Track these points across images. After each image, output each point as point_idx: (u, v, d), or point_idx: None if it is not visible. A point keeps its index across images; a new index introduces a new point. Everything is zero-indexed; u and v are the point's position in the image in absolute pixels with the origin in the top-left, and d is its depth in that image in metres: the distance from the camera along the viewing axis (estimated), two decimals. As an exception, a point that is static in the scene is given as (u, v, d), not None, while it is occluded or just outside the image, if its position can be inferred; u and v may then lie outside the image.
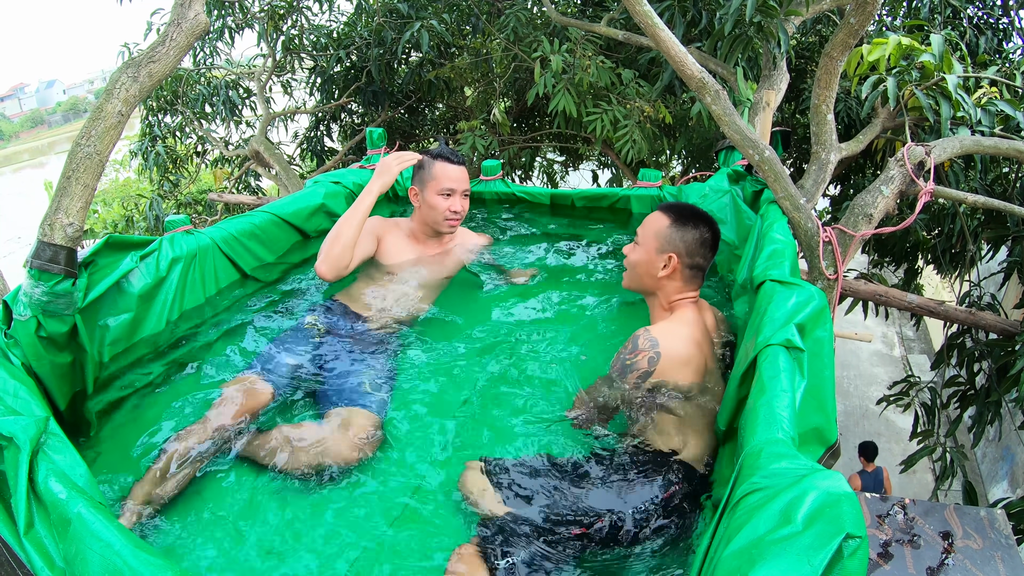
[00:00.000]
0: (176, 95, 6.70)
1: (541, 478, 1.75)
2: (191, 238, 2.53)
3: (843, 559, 0.91)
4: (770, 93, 3.40)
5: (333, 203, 3.13)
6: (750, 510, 1.06)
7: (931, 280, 6.38)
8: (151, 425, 2.08)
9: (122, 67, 1.98)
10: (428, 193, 2.75)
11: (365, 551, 1.66)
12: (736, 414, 1.65)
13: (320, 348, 2.40)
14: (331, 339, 2.44)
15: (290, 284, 2.91)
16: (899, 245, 4.67)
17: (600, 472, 1.78)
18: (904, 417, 6.86)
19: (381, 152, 3.56)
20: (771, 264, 1.95)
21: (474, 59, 5.23)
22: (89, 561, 1.09)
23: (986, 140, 2.77)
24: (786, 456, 1.16)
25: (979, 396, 3.48)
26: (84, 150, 1.88)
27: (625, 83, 4.44)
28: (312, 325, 2.48)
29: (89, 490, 1.27)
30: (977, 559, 2.11)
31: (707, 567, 1.09)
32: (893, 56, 3.07)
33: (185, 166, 7.51)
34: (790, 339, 1.55)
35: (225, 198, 6.32)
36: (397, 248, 2.81)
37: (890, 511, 2.31)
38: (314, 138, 7.06)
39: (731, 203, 2.78)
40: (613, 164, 6.85)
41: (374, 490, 1.86)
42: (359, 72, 6.18)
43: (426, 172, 2.76)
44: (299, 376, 2.27)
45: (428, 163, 2.77)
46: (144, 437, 2.02)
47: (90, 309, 2.04)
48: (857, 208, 2.56)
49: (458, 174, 2.76)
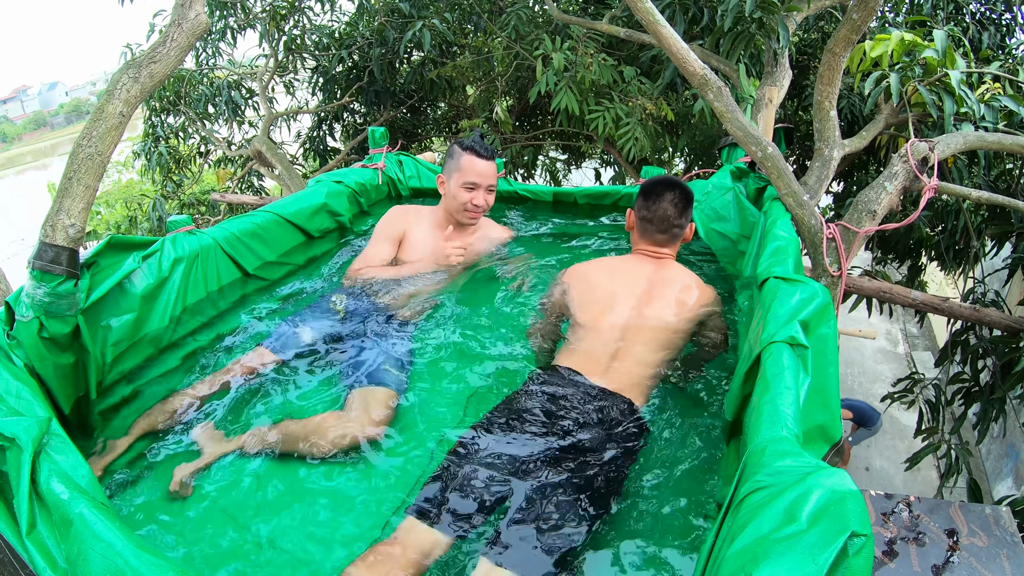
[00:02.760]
0: (179, 96, 6.70)
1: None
2: (193, 238, 2.52)
3: (848, 557, 0.90)
4: (772, 89, 3.39)
5: (335, 202, 3.12)
6: (754, 508, 1.05)
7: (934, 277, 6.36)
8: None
9: (123, 67, 1.97)
10: (453, 183, 2.77)
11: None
12: (740, 411, 1.64)
13: (340, 327, 2.47)
14: (352, 320, 2.50)
15: (293, 284, 2.90)
16: (902, 242, 4.66)
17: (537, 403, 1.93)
18: (908, 414, 6.84)
19: (383, 151, 3.55)
20: (775, 261, 1.95)
21: (476, 58, 5.23)
22: (91, 562, 1.09)
23: (990, 136, 2.76)
24: (790, 454, 1.15)
25: (983, 393, 3.47)
26: (85, 151, 1.88)
27: (627, 81, 4.43)
28: (334, 305, 2.53)
29: (91, 490, 1.26)
30: (982, 557, 2.10)
31: (711, 566, 1.08)
32: (896, 52, 3.06)
33: (188, 167, 7.50)
34: (794, 336, 1.54)
35: (228, 198, 6.32)
36: (420, 242, 2.83)
37: (895, 508, 2.30)
38: (316, 138, 7.06)
39: (734, 200, 2.78)
40: (615, 162, 6.84)
41: (389, 469, 1.91)
42: (361, 72, 6.18)
43: (454, 162, 2.77)
44: (315, 351, 2.36)
45: (457, 153, 2.77)
46: (148, 438, 2.02)
47: (92, 310, 2.03)
48: (861, 204, 2.55)
49: (485, 168, 2.76)
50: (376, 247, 2.84)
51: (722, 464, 1.79)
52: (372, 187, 3.46)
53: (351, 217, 3.27)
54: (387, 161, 3.56)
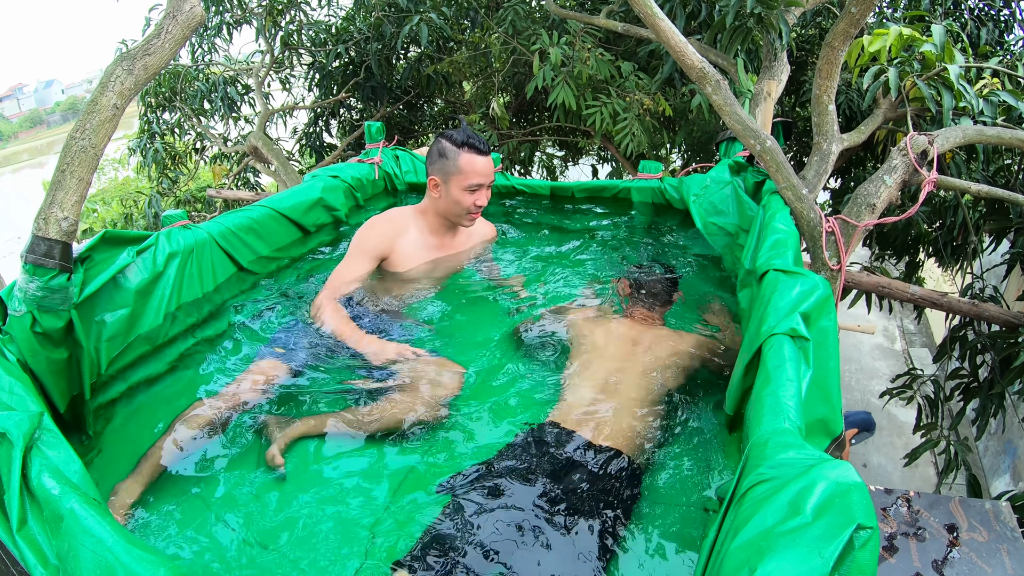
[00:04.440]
0: (174, 92, 6.66)
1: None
2: (188, 233, 2.50)
3: (854, 550, 0.88)
4: (771, 83, 3.38)
5: (331, 197, 3.11)
6: (758, 501, 1.04)
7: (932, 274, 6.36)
8: (151, 421, 2.05)
9: (117, 60, 1.94)
10: (452, 187, 2.53)
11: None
12: (742, 403, 1.63)
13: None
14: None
15: (289, 278, 2.88)
16: (900, 238, 4.65)
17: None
18: (907, 411, 6.84)
19: (379, 146, 3.54)
20: (774, 254, 1.93)
21: (473, 53, 5.22)
22: (81, 558, 1.07)
23: (989, 130, 2.75)
24: (793, 446, 1.13)
25: (982, 389, 3.46)
26: (79, 143, 1.85)
27: (625, 76, 4.42)
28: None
29: (83, 486, 1.25)
30: (983, 552, 2.09)
31: (714, 560, 1.06)
32: (894, 47, 3.05)
33: (184, 163, 7.47)
34: (795, 328, 1.53)
35: (224, 194, 6.30)
36: (411, 253, 2.65)
37: (894, 503, 2.29)
38: (313, 134, 7.05)
39: (733, 194, 2.76)
40: (613, 158, 6.82)
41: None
42: (357, 67, 6.17)
43: (450, 163, 2.52)
44: (318, 356, 2.27)
45: (452, 152, 2.51)
46: (145, 433, 2.00)
47: (86, 305, 2.01)
48: (860, 198, 2.54)
49: (486, 167, 2.54)
50: (353, 264, 2.57)
51: (723, 458, 1.78)
52: (368, 182, 3.43)
53: (347, 212, 3.25)
54: (383, 156, 3.54)
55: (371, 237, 2.59)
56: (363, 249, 2.58)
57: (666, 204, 3.18)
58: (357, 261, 2.57)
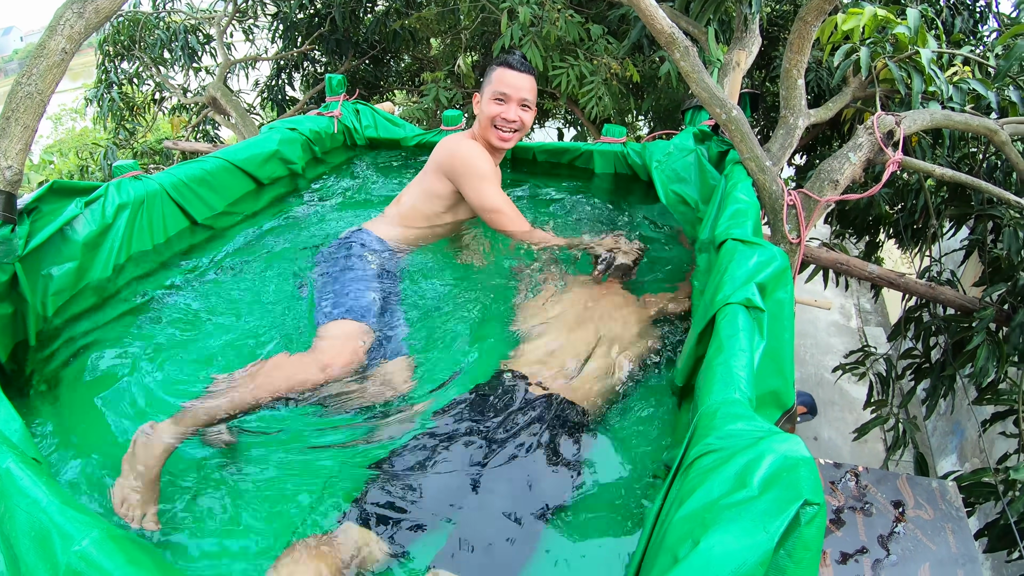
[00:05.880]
0: (133, 40, 6.43)
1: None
2: (139, 184, 2.42)
3: (800, 526, 0.86)
4: (741, 54, 3.34)
5: (288, 150, 3.03)
6: (704, 472, 1.01)
7: (891, 255, 6.42)
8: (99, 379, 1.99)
9: (67, 2, 1.86)
10: (484, 98, 2.53)
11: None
12: (693, 373, 1.60)
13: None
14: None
15: (242, 234, 2.80)
16: (861, 217, 4.66)
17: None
18: (858, 387, 6.96)
19: (339, 99, 3.45)
20: (733, 223, 1.90)
21: (441, 9, 5.11)
22: (16, 519, 1.03)
23: (957, 115, 2.74)
24: (743, 417, 1.11)
25: (934, 370, 3.50)
26: (24, 89, 1.78)
27: (594, 39, 4.36)
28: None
29: (22, 445, 1.19)
30: (927, 529, 2.11)
31: (658, 530, 1.04)
32: (868, 27, 3.01)
33: (142, 114, 7.25)
34: (750, 298, 1.51)
35: (181, 146, 6.13)
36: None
37: (843, 478, 2.30)
38: (275, 87, 6.89)
39: (696, 162, 2.72)
40: (579, 122, 6.78)
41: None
42: (323, 19, 6.03)
43: (486, 78, 2.54)
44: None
45: (490, 69, 2.53)
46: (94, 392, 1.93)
47: (32, 258, 1.95)
48: (823, 173, 2.52)
49: (517, 80, 2.48)
50: (496, 189, 2.54)
51: (671, 428, 1.76)
52: (327, 135, 3.35)
53: (304, 165, 3.17)
54: (344, 109, 3.45)
55: (484, 160, 2.52)
56: (490, 172, 2.52)
57: (629, 171, 3.14)
58: (494, 184, 2.54)
